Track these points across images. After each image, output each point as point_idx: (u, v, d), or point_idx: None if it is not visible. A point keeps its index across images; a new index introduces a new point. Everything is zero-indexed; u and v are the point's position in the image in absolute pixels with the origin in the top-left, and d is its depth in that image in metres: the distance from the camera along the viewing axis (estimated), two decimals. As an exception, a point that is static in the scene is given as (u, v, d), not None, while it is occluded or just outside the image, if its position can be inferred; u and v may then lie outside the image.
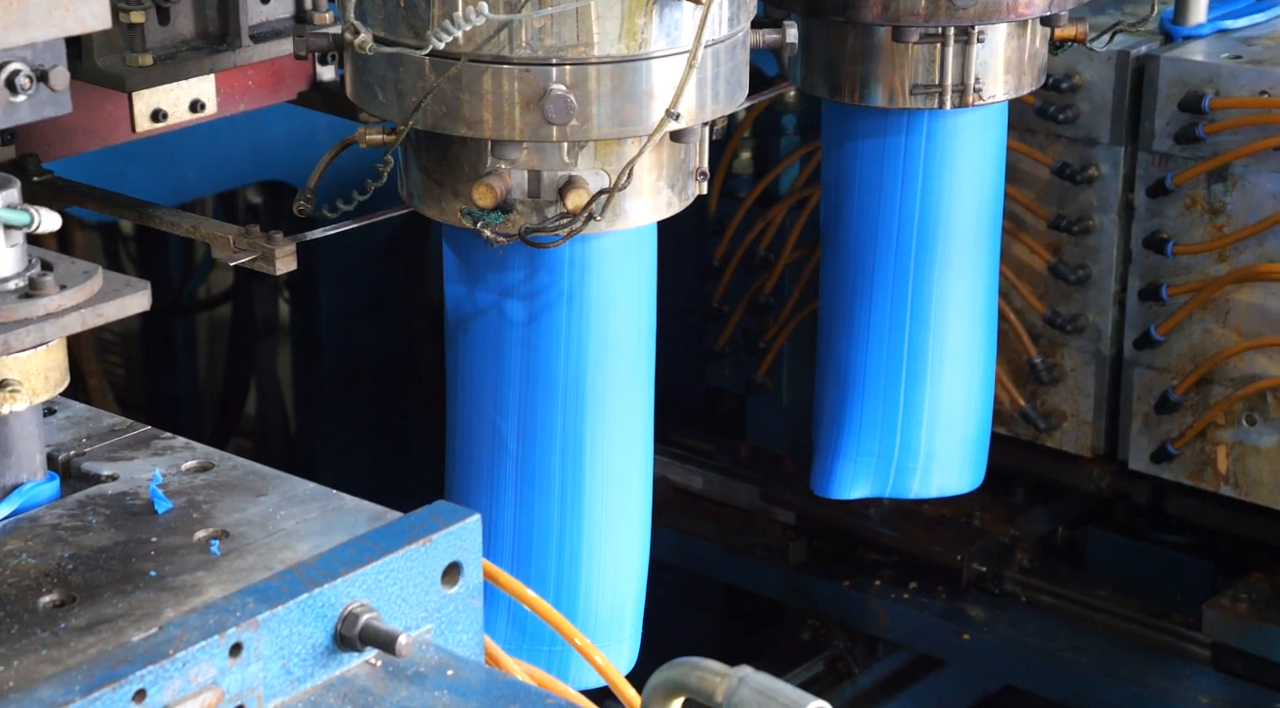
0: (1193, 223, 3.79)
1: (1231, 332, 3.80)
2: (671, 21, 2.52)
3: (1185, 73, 3.74)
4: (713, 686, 1.86)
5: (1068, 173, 3.97)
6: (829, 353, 3.60)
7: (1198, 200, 3.78)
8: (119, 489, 2.24)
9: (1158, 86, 3.76)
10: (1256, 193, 3.69)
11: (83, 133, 3.15)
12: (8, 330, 2.08)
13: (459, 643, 2.14)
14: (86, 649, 1.92)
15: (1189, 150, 3.74)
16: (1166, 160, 3.79)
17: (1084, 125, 3.95)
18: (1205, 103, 3.68)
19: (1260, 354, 3.77)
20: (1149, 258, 3.87)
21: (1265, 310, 3.74)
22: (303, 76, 3.41)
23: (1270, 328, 3.75)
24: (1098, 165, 3.93)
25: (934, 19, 3.18)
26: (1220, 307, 3.80)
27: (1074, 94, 3.94)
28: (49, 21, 2.04)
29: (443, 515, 2.14)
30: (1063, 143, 3.98)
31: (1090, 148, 3.95)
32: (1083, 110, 3.94)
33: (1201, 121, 3.69)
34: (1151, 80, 3.76)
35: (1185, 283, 3.82)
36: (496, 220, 2.60)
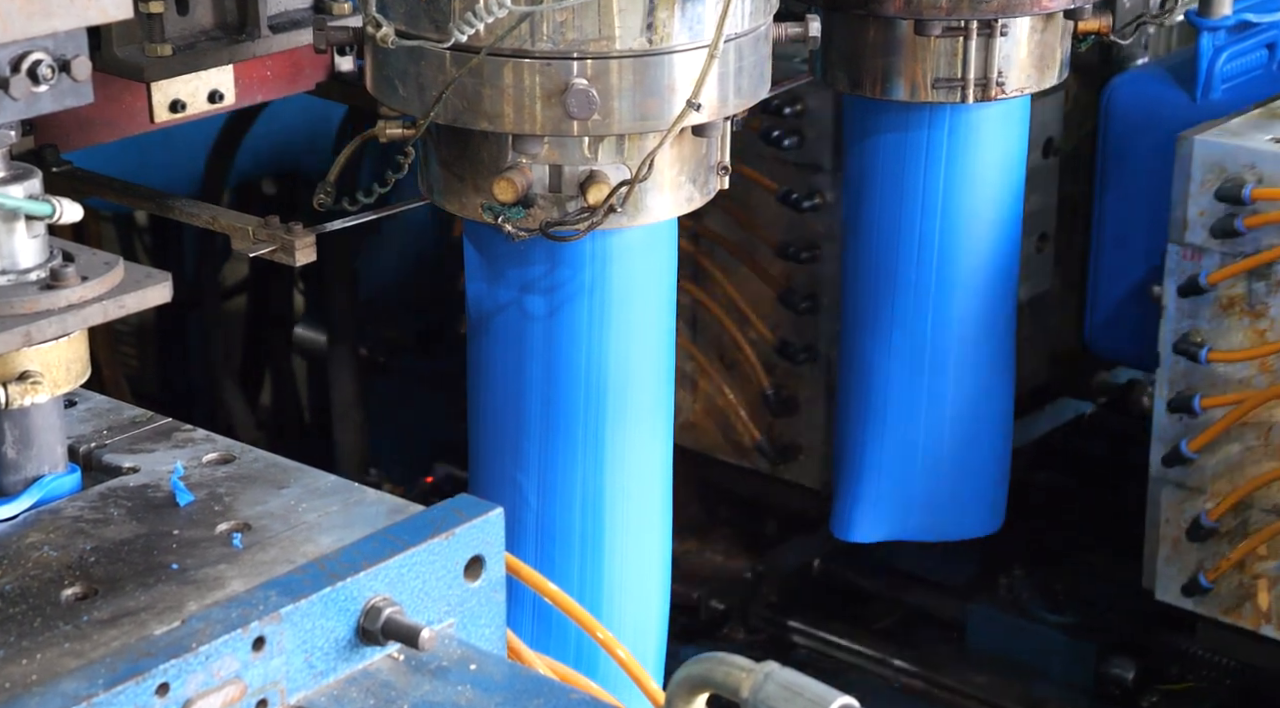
0: (1230, 327, 3.39)
1: (1274, 451, 3.39)
2: (694, 15, 2.51)
3: (1223, 157, 3.35)
4: (738, 681, 1.85)
5: (793, 200, 3.86)
6: (851, 358, 3.59)
7: (1236, 301, 3.37)
8: (140, 481, 2.24)
9: (1191, 171, 3.37)
10: None
11: (101, 123, 3.14)
12: (29, 322, 2.07)
13: (481, 637, 2.13)
14: (109, 643, 1.91)
15: (1227, 244, 3.35)
16: (1200, 254, 3.38)
17: (808, 151, 3.82)
18: (1246, 193, 3.29)
19: None
20: (1180, 364, 3.43)
21: None
22: (321, 67, 3.40)
23: None
24: (823, 192, 3.79)
25: (957, 12, 3.17)
26: (1262, 423, 3.38)
27: (799, 120, 3.83)
28: (71, 11, 2.04)
29: (465, 509, 2.13)
30: (789, 169, 3.84)
31: (815, 174, 3.81)
32: (807, 137, 3.83)
33: (1242, 213, 3.31)
34: (1185, 164, 3.38)
35: (1222, 394, 3.40)
36: (517, 215, 2.59)
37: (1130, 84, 4.13)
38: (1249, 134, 3.37)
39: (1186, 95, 4.02)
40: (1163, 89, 4.07)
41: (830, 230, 3.81)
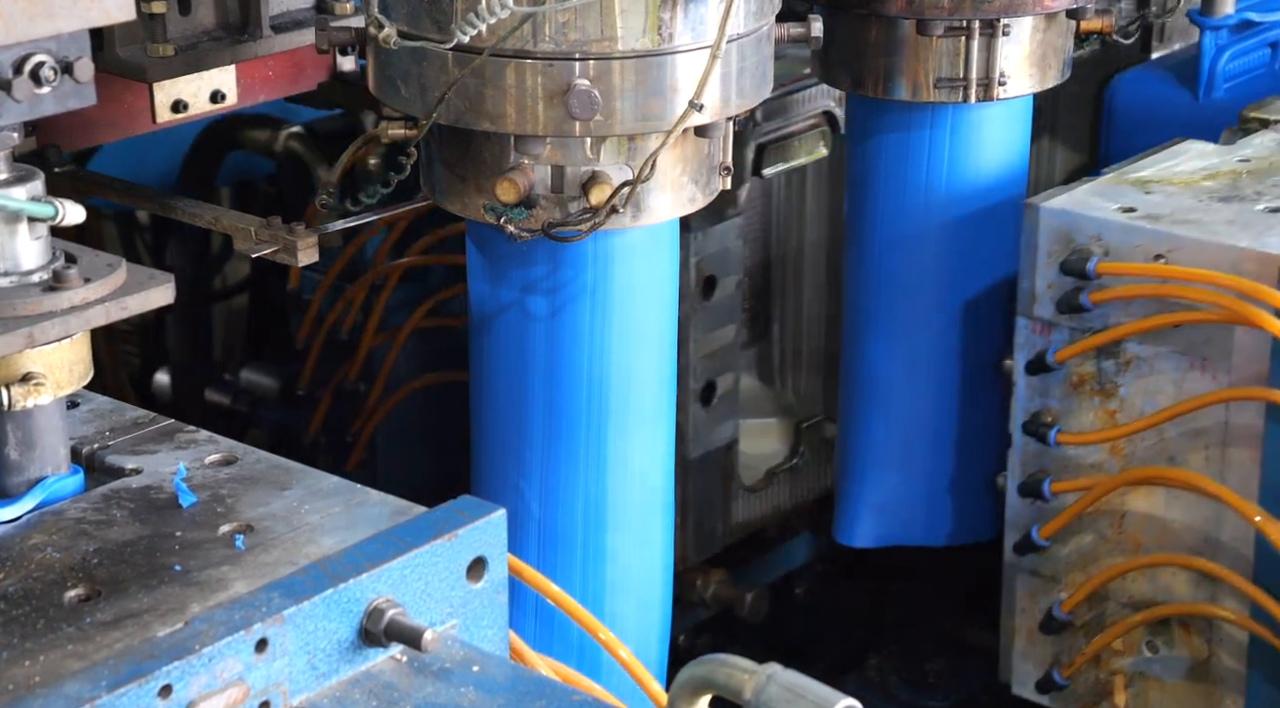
0: (1081, 407, 3.11)
1: (1129, 540, 3.11)
2: (696, 16, 2.51)
3: (1070, 226, 3.06)
4: (741, 683, 1.85)
5: None
6: (852, 359, 3.59)
7: (1086, 380, 3.10)
8: (143, 483, 2.24)
9: (1037, 241, 3.10)
10: (1154, 376, 3.02)
11: (104, 124, 3.14)
12: (32, 324, 2.07)
13: (484, 638, 2.13)
14: (112, 644, 1.91)
15: (1076, 320, 3.08)
16: (1050, 328, 3.11)
17: None
18: (1091, 267, 3.01)
19: (1162, 571, 3.07)
20: (1030, 445, 3.17)
21: (1167, 523, 3.06)
22: (323, 67, 3.40)
23: (1173, 542, 3.05)
24: None
25: (959, 12, 3.17)
26: (1114, 511, 3.11)
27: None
28: (74, 13, 2.04)
29: (468, 510, 2.14)
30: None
31: None
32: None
33: (1088, 288, 3.03)
34: (1031, 233, 3.11)
35: (1072, 479, 3.14)
36: (520, 216, 2.59)
37: (1132, 83, 4.14)
38: (1097, 202, 3.10)
39: (1189, 94, 4.02)
40: (1165, 88, 4.08)
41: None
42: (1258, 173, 3.16)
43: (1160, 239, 2.95)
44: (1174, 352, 2.97)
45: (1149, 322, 2.95)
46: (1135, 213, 3.02)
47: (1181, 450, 3.00)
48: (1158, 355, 2.99)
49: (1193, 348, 2.95)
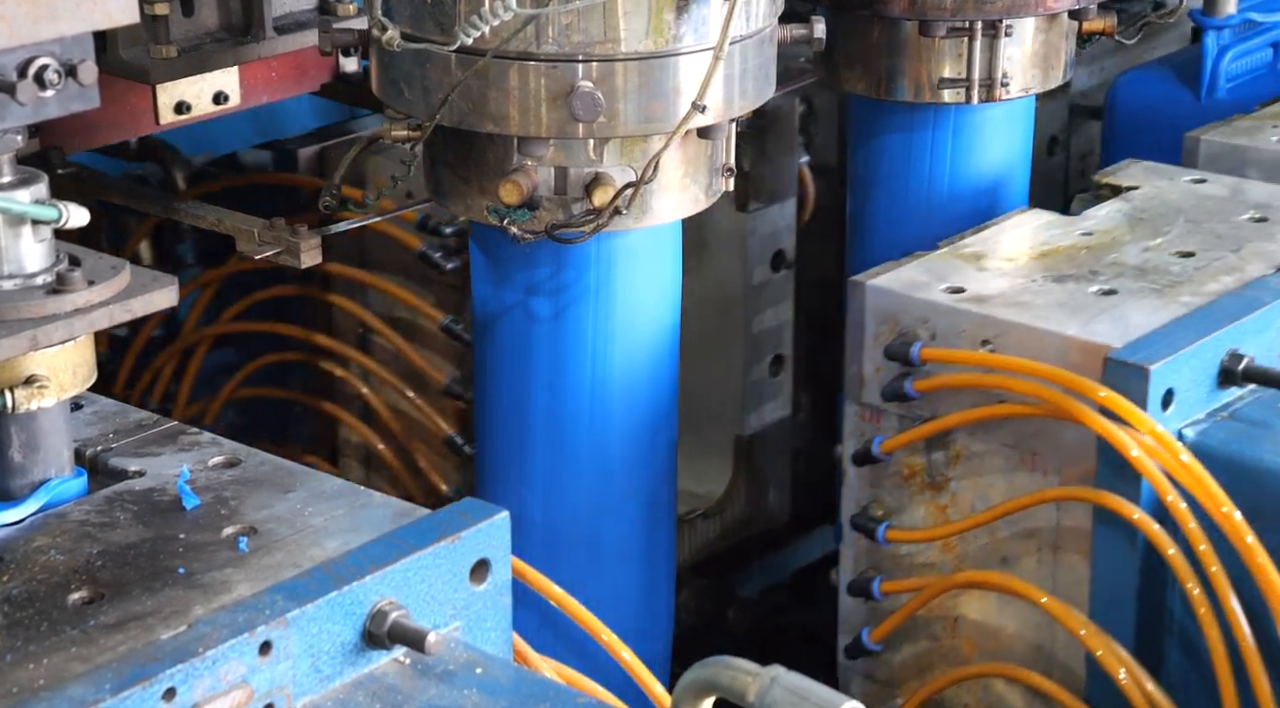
0: (911, 501, 2.86)
1: (962, 647, 2.88)
2: (699, 17, 2.51)
3: (896, 307, 2.80)
4: (745, 685, 1.85)
5: (457, 331, 3.43)
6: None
7: (917, 473, 2.86)
8: (146, 485, 2.24)
9: (864, 321, 2.84)
10: (985, 471, 2.77)
11: (107, 125, 3.14)
12: (36, 326, 2.08)
13: (488, 641, 2.14)
14: (116, 647, 1.91)
15: (904, 407, 2.82)
16: (879, 416, 2.85)
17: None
18: (915, 352, 2.75)
19: (996, 682, 2.84)
20: (860, 541, 2.91)
21: (999, 630, 2.83)
22: (326, 68, 3.40)
23: (1005, 651, 2.82)
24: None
25: (961, 13, 3.17)
26: (948, 615, 2.87)
27: (462, 238, 3.32)
28: (77, 15, 2.04)
29: (471, 512, 2.14)
30: (458, 295, 3.34)
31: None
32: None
33: (913, 375, 2.79)
34: (858, 312, 2.85)
35: (903, 579, 2.89)
36: (523, 217, 2.60)
37: (1134, 83, 4.14)
38: (925, 280, 2.84)
39: (1191, 94, 4.02)
40: (1167, 88, 4.08)
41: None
42: (1098, 249, 2.93)
43: (987, 324, 2.72)
44: (1004, 445, 2.74)
45: (974, 413, 2.71)
46: (963, 294, 2.78)
47: (1015, 552, 2.76)
48: (988, 449, 2.75)
49: (1022, 442, 2.72)
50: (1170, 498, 2.47)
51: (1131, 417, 2.50)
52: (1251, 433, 2.57)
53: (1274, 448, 2.53)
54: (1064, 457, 2.67)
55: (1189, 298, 2.75)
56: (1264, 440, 2.55)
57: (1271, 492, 2.50)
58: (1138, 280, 2.81)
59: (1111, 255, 2.89)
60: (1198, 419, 2.61)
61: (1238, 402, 2.65)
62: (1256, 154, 3.28)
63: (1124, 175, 3.20)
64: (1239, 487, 2.49)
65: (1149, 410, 2.53)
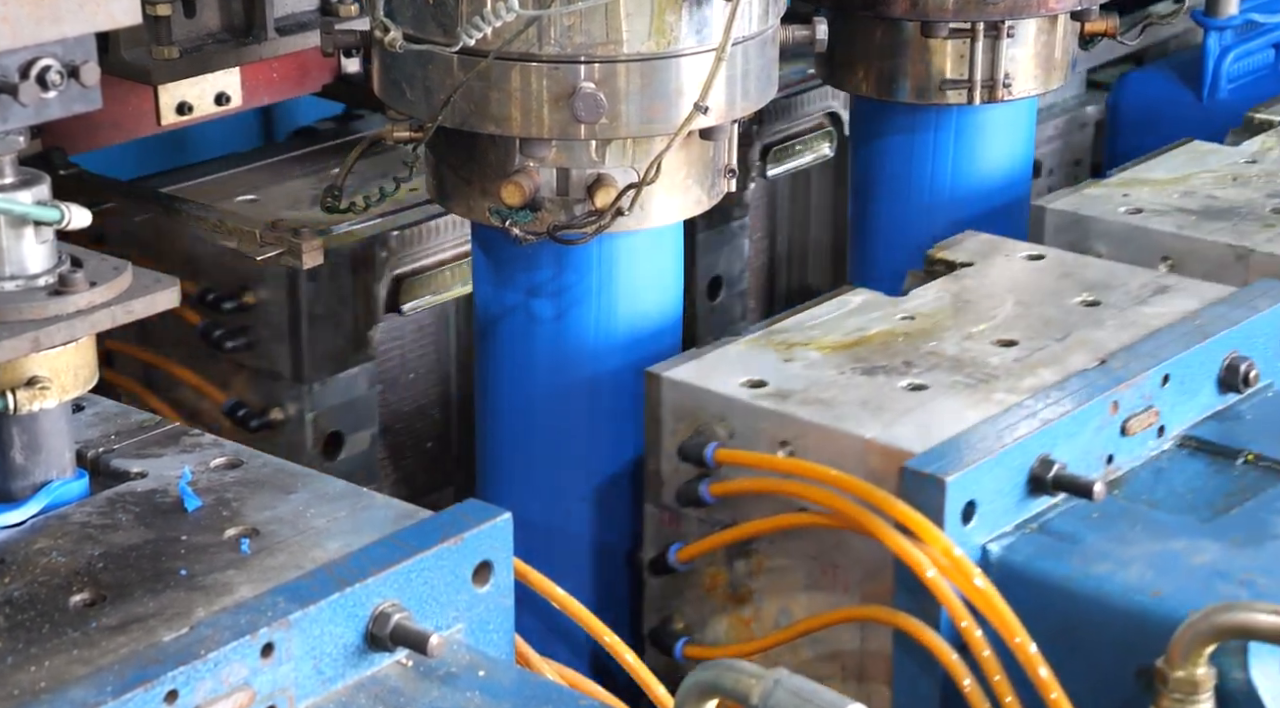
0: (714, 615, 2.62)
1: None
2: (701, 18, 2.51)
3: (694, 402, 2.56)
4: (748, 687, 1.85)
5: (241, 415, 3.13)
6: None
7: (719, 583, 2.62)
8: (148, 487, 2.24)
9: (661, 417, 2.60)
10: (787, 583, 2.54)
11: (109, 126, 3.15)
12: (38, 328, 2.07)
13: (490, 643, 2.13)
14: (118, 649, 1.91)
15: (703, 512, 2.58)
16: (679, 520, 2.61)
17: (264, 354, 3.05)
18: (709, 453, 2.52)
19: None
20: (657, 658, 2.63)
21: None
22: (328, 69, 3.41)
23: None
24: (283, 406, 2.98)
25: (964, 14, 3.17)
26: None
27: (247, 314, 3.07)
28: (80, 17, 2.04)
29: (474, 514, 2.14)
30: (244, 376, 3.08)
31: (274, 384, 2.99)
32: (262, 336, 3.06)
33: (709, 478, 2.55)
34: (654, 406, 2.60)
35: None
36: (525, 218, 2.59)
37: (1137, 83, 4.14)
38: (726, 372, 2.59)
39: (1193, 95, 4.02)
40: (1169, 89, 4.08)
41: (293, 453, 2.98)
42: (917, 336, 2.69)
43: (786, 423, 2.48)
44: (806, 557, 2.51)
45: (772, 522, 2.48)
46: (764, 388, 2.54)
47: (820, 675, 2.47)
48: (790, 560, 2.52)
49: (824, 554, 2.49)
50: (965, 624, 2.26)
51: (926, 533, 2.27)
52: (1059, 548, 2.33)
53: (1083, 565, 2.30)
54: (865, 572, 2.44)
55: (1003, 395, 2.50)
56: (1072, 556, 2.32)
57: (1079, 613, 2.28)
58: (952, 373, 2.57)
59: (929, 343, 2.65)
60: (1004, 532, 2.36)
61: (1050, 511, 2.40)
62: (1103, 226, 3.07)
63: (959, 250, 2.95)
64: (1046, 607, 2.30)
65: (948, 524, 2.29)
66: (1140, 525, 2.37)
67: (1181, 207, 3.11)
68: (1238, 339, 2.66)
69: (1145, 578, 2.26)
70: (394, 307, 3.12)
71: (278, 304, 2.98)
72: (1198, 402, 2.62)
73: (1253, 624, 2.02)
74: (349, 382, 3.08)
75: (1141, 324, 2.68)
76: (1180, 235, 3.01)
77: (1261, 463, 2.53)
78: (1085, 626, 2.27)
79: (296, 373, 2.95)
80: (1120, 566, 2.29)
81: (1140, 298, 2.77)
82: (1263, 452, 2.54)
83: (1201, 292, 2.78)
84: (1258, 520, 2.38)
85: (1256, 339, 2.68)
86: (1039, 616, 2.28)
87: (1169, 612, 2.18)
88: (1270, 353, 2.70)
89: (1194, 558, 2.30)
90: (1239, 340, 2.66)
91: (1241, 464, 2.54)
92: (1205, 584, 2.24)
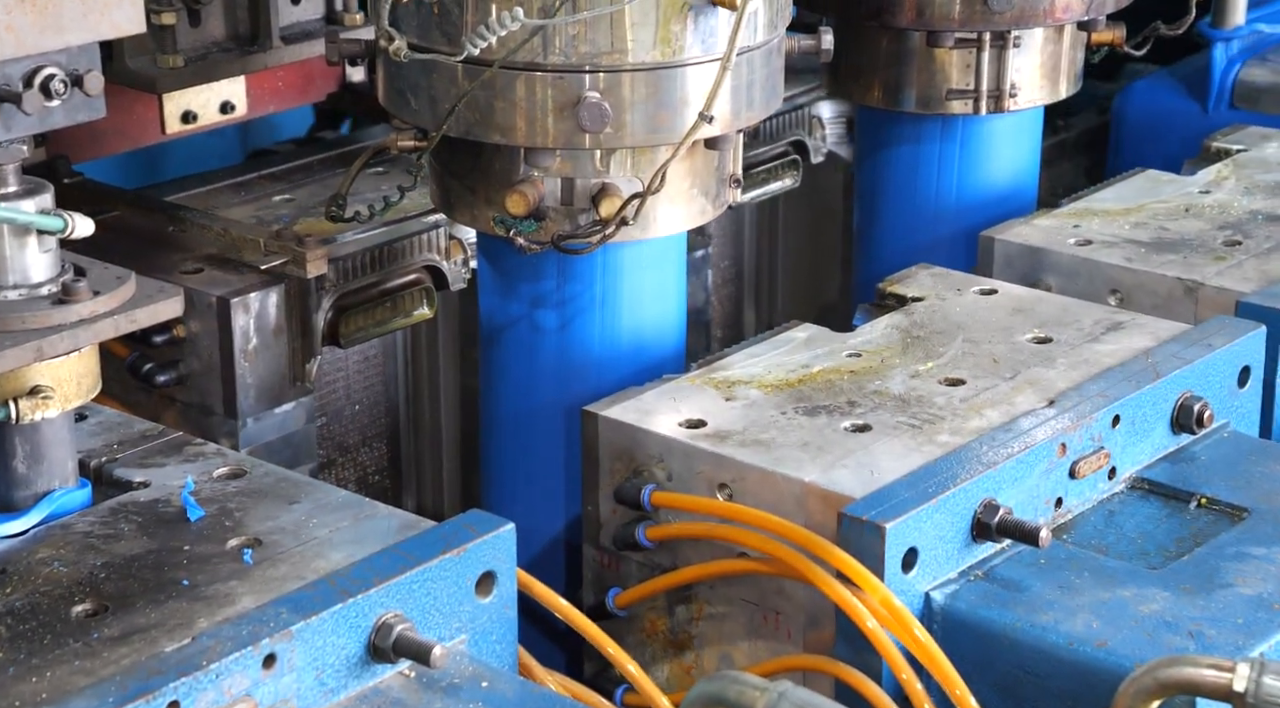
0: (655, 661, 2.54)
1: None
2: (707, 28, 2.51)
3: (631, 442, 2.49)
4: (752, 699, 1.84)
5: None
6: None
7: (659, 629, 2.54)
8: (151, 496, 2.23)
9: (599, 457, 2.53)
10: (728, 629, 2.47)
11: (113, 134, 3.15)
12: (41, 337, 2.07)
13: (493, 654, 2.13)
14: (119, 660, 1.91)
15: (642, 555, 2.51)
16: (619, 562, 2.54)
17: (196, 389, 2.89)
18: (646, 496, 2.45)
19: None
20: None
21: None
22: (332, 78, 3.41)
23: None
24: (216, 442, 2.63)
25: (969, 24, 3.16)
26: None
27: (178, 347, 2.90)
28: (83, 25, 2.04)
29: (476, 525, 2.13)
30: (175, 410, 2.91)
31: (206, 420, 2.87)
32: (193, 369, 2.89)
33: (646, 521, 2.48)
34: (591, 446, 2.54)
35: None
36: (529, 228, 2.59)
37: (1142, 94, 4.13)
38: (665, 410, 2.53)
39: (1198, 106, 4.01)
40: (1174, 99, 4.07)
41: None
42: (862, 374, 2.62)
43: (724, 465, 2.40)
44: (746, 602, 2.43)
45: (711, 567, 2.42)
46: (703, 429, 2.47)
47: None
48: (730, 607, 2.46)
49: (765, 600, 2.42)
50: (905, 677, 2.19)
51: (865, 583, 2.20)
52: (1004, 596, 2.27)
53: (1028, 614, 2.24)
54: (807, 619, 2.37)
55: (948, 437, 2.43)
56: (1017, 605, 2.26)
57: (1024, 663, 2.22)
58: (897, 414, 2.50)
59: (875, 382, 2.59)
60: (948, 579, 2.30)
61: (995, 557, 2.34)
62: (1052, 258, 3.01)
63: (911, 284, 2.89)
64: (990, 656, 2.24)
65: (888, 572, 2.22)
66: (1088, 572, 2.32)
67: (1132, 238, 3.06)
68: (1191, 379, 2.61)
69: (1091, 628, 2.21)
70: (333, 338, 2.95)
71: (209, 336, 2.84)
72: (1150, 443, 2.57)
73: (1196, 680, 1.98)
74: (284, 417, 2.94)
75: (1093, 363, 2.64)
76: (1129, 268, 2.96)
77: (1215, 507, 2.48)
78: (1030, 676, 2.23)
79: (229, 408, 2.83)
80: (1066, 615, 2.24)
81: (1093, 335, 2.73)
82: (1216, 495, 2.49)
83: (1155, 329, 2.74)
84: (1208, 567, 2.33)
85: (1210, 379, 2.63)
86: (983, 665, 2.24)
87: (1115, 664, 2.14)
88: (1225, 393, 2.65)
89: (1142, 607, 2.25)
90: (1192, 380, 2.61)
91: (1195, 508, 2.50)
92: (1152, 635, 2.19)
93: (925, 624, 2.25)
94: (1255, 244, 3.04)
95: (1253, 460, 2.57)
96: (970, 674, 2.20)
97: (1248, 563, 2.33)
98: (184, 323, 2.84)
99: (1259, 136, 3.52)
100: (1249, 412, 2.71)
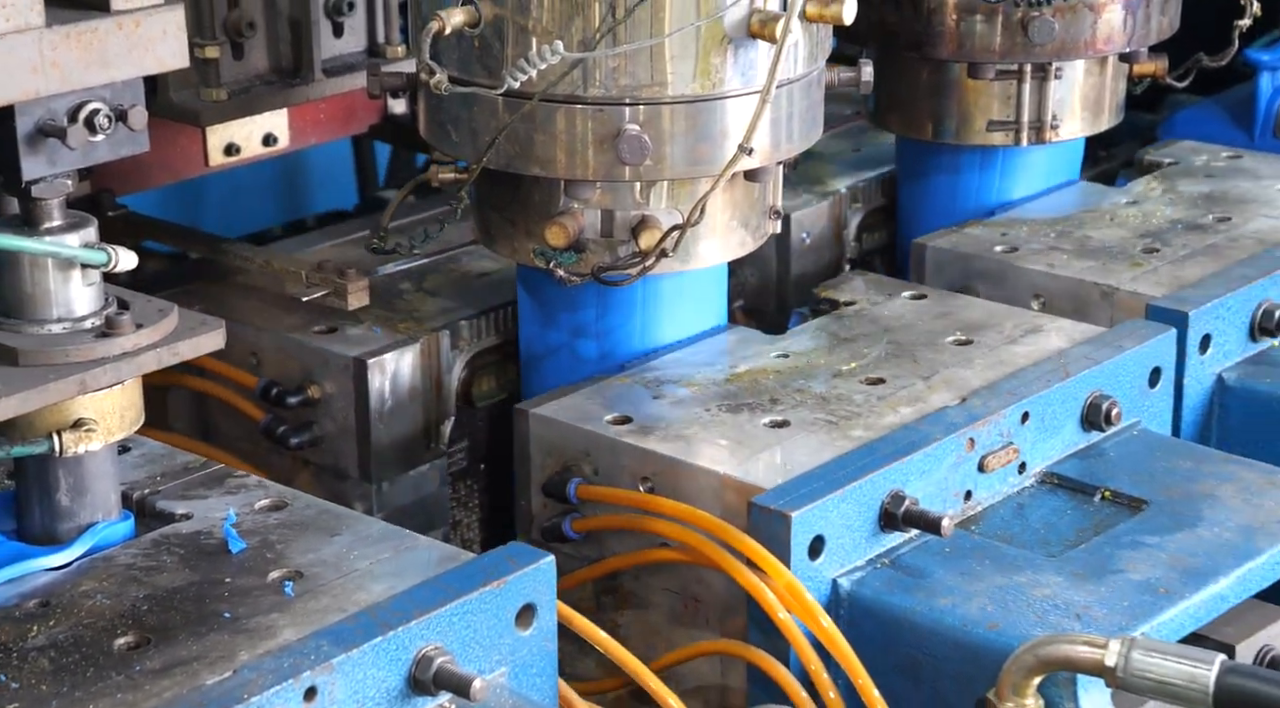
0: (583, 647, 2.42)
1: None
2: (746, 61, 2.51)
3: (560, 438, 2.57)
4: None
5: None
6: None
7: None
8: (193, 528, 2.24)
9: (529, 452, 2.61)
10: (651, 618, 2.54)
11: (157, 167, 3.17)
12: (84, 370, 2.08)
13: (533, 687, 2.13)
14: (161, 693, 1.91)
15: (572, 547, 2.58)
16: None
17: (330, 452, 2.86)
18: (571, 490, 2.54)
19: None
20: None
21: None
22: (374, 110, 3.42)
23: None
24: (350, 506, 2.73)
25: (1010, 55, 3.16)
26: None
27: (312, 409, 2.87)
28: (128, 61, 2.05)
29: (517, 557, 2.13)
30: (309, 473, 2.90)
31: (340, 483, 2.85)
32: (328, 431, 2.86)
33: (572, 514, 2.57)
34: (523, 442, 2.62)
35: None
36: (569, 260, 2.59)
37: (1186, 124, 4.11)
38: (593, 408, 2.61)
39: (1244, 134, 3.99)
40: (1219, 128, 4.04)
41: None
42: (788, 374, 2.69)
43: (647, 460, 2.49)
44: (668, 591, 2.51)
45: (632, 557, 2.50)
46: (629, 425, 2.55)
47: None
48: (653, 595, 2.53)
49: (685, 588, 2.49)
50: (813, 667, 2.28)
51: (770, 569, 2.28)
52: (907, 583, 2.34)
53: (928, 599, 2.31)
54: (724, 607, 2.44)
55: (861, 432, 2.52)
56: (918, 590, 2.33)
57: (922, 646, 2.29)
58: (816, 411, 2.58)
59: (799, 381, 2.66)
60: (856, 567, 2.37)
61: (903, 546, 2.42)
62: (980, 264, 3.09)
63: (845, 289, 2.98)
64: (893, 640, 2.31)
65: (795, 559, 2.30)
66: (989, 560, 2.41)
67: (1056, 246, 3.15)
68: (1101, 378, 2.69)
69: (985, 611, 2.30)
70: (466, 398, 2.92)
71: (344, 397, 2.80)
72: (1060, 439, 2.65)
73: (1072, 656, 2.09)
74: (419, 479, 2.91)
75: (1008, 363, 2.73)
76: (1050, 274, 3.06)
77: (1117, 499, 2.57)
78: (928, 658, 2.31)
79: (364, 472, 2.83)
80: (963, 599, 2.32)
81: (1012, 338, 2.82)
82: (1119, 488, 2.58)
83: (1072, 332, 2.83)
84: (1103, 555, 2.42)
85: (1121, 379, 2.72)
86: (886, 648, 2.33)
87: (1004, 644, 2.22)
88: (1135, 392, 2.74)
89: (1035, 591, 2.33)
90: (1102, 379, 2.69)
91: (1099, 501, 2.58)
92: (1041, 617, 2.28)
93: (833, 610, 2.35)
94: (1172, 251, 3.14)
95: (1158, 457, 2.67)
96: (874, 657, 2.29)
97: (1140, 551, 2.43)
98: (318, 383, 2.83)
99: (1189, 150, 3.63)
100: (1160, 411, 2.80)
